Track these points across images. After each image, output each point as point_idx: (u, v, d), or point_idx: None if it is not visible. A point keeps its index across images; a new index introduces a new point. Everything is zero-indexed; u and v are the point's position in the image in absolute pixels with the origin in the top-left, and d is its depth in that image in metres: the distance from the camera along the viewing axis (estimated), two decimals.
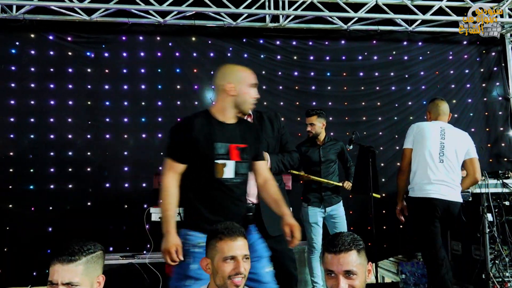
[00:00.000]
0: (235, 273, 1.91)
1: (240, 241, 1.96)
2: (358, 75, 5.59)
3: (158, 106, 5.18)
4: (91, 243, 1.75)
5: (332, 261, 1.78)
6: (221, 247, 1.95)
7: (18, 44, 5.02)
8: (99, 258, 1.72)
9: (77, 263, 1.62)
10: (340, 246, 1.78)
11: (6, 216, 4.76)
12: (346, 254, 1.78)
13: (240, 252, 1.94)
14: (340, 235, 1.85)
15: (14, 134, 4.90)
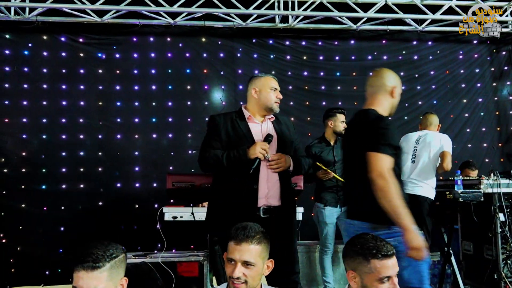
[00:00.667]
0: (232, 276, 1.93)
1: (243, 246, 1.95)
2: (368, 75, 5.50)
3: (169, 106, 5.21)
4: (113, 246, 1.73)
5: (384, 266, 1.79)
6: (229, 248, 2.00)
7: (31, 46, 5.09)
8: (121, 262, 1.70)
9: (101, 270, 1.62)
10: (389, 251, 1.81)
11: (19, 216, 4.82)
12: (394, 255, 1.83)
13: (239, 257, 1.94)
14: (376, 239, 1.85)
15: (26, 135, 4.97)
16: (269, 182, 2.64)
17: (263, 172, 2.63)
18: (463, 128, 5.67)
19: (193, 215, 4.07)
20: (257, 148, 2.54)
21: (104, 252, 1.66)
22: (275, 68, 5.40)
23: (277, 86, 2.79)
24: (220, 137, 2.66)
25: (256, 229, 2.02)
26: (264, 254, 2.02)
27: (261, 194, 2.62)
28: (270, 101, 2.72)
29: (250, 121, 2.73)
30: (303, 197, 4.82)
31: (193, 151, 5.17)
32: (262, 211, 2.61)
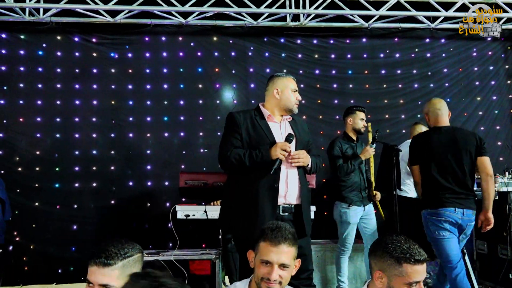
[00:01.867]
0: (268, 278, 1.92)
1: (281, 248, 1.94)
2: (380, 73, 5.55)
3: (180, 105, 5.23)
4: (130, 245, 1.71)
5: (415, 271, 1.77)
6: (262, 249, 1.96)
7: (45, 46, 5.14)
8: (136, 262, 1.68)
9: (113, 267, 1.62)
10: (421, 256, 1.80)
11: (32, 214, 4.86)
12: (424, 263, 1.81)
13: (277, 260, 1.92)
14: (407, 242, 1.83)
15: (40, 134, 5.01)
16: (289, 181, 2.68)
17: (283, 171, 2.65)
18: (477, 127, 5.60)
19: (206, 213, 4.08)
20: (278, 149, 2.57)
21: (118, 250, 1.66)
22: (286, 66, 5.39)
23: (296, 87, 2.83)
24: (240, 135, 2.67)
25: (290, 230, 2.01)
26: (295, 254, 2.03)
27: (280, 193, 2.64)
28: (291, 102, 2.76)
29: (270, 120, 2.76)
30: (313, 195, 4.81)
31: (205, 149, 5.18)
32: (282, 209, 2.63)
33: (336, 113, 5.38)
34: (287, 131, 2.76)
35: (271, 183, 2.61)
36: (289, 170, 2.69)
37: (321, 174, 5.11)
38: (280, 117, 2.81)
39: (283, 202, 2.65)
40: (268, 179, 2.60)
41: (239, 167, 2.62)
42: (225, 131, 2.78)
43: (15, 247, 4.78)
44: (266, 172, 2.57)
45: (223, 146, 2.71)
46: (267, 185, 2.61)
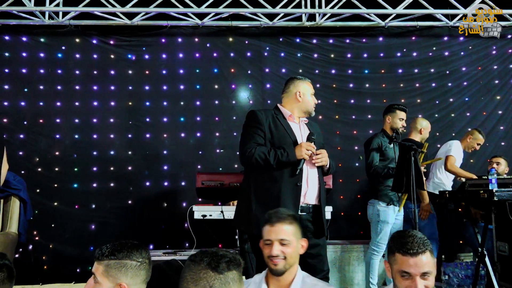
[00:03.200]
0: (271, 255, 2.11)
1: (278, 227, 2.14)
2: (397, 72, 5.49)
3: (197, 105, 5.26)
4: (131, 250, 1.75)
5: (409, 263, 1.79)
6: (264, 232, 2.19)
7: (64, 49, 5.23)
8: (122, 266, 1.71)
9: (100, 262, 1.72)
10: (417, 248, 1.79)
11: (51, 214, 4.93)
12: (424, 255, 1.80)
13: (275, 237, 2.13)
14: (411, 235, 1.85)
15: (59, 135, 5.09)
16: (309, 181, 2.71)
17: (304, 170, 2.68)
18: (496, 126, 5.50)
19: (222, 214, 4.10)
20: (303, 149, 2.61)
21: (112, 249, 1.73)
22: (302, 66, 5.38)
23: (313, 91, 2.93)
24: (264, 132, 2.71)
25: (286, 212, 2.21)
26: (297, 233, 2.19)
27: (302, 192, 2.67)
28: (311, 106, 2.86)
29: (290, 120, 2.81)
30: (333, 195, 4.79)
31: (221, 150, 5.20)
32: (300, 208, 2.66)
33: (352, 113, 5.36)
34: (306, 132, 2.81)
35: (295, 182, 2.64)
36: (310, 169, 2.72)
37: (338, 175, 5.07)
38: (298, 118, 2.86)
39: (302, 201, 2.67)
40: (291, 178, 2.63)
41: (263, 165, 2.62)
42: (247, 128, 2.77)
43: (35, 246, 4.86)
44: (291, 171, 2.62)
45: (246, 143, 2.70)
46: (290, 184, 2.63)
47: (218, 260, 1.44)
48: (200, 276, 1.41)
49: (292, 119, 2.81)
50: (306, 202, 2.70)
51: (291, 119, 2.80)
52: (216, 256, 1.46)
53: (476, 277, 4.02)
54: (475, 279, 4.02)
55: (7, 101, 5.07)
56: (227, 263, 1.45)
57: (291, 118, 2.80)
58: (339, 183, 5.03)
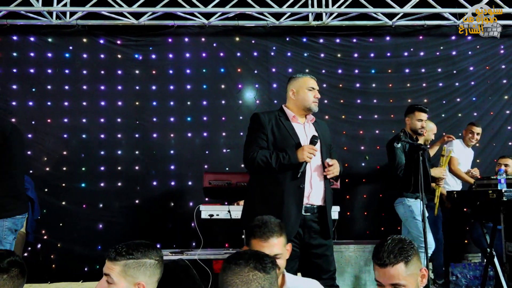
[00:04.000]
0: None
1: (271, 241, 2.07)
2: (403, 71, 5.47)
3: (203, 105, 5.26)
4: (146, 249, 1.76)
5: (379, 273, 1.77)
6: (254, 245, 2.09)
7: (71, 49, 5.24)
8: (140, 266, 1.72)
9: (116, 263, 1.71)
10: (385, 260, 1.74)
11: (59, 213, 4.95)
12: (393, 267, 1.74)
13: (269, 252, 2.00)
14: (386, 244, 1.79)
15: (67, 134, 5.11)
16: (313, 182, 2.71)
17: (307, 172, 2.69)
18: (503, 126, 5.47)
19: (229, 213, 4.11)
20: (305, 152, 2.60)
21: (128, 249, 1.73)
22: (309, 66, 5.36)
23: (315, 85, 2.85)
24: (266, 135, 2.72)
25: (275, 222, 2.14)
26: (285, 241, 2.16)
27: (306, 193, 2.68)
28: (307, 101, 2.78)
29: (294, 121, 2.80)
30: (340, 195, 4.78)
31: (227, 149, 5.20)
32: (304, 209, 2.67)
33: (358, 113, 5.35)
34: (311, 133, 2.78)
35: (297, 184, 2.65)
36: (313, 171, 2.72)
37: (344, 175, 5.05)
38: (304, 118, 2.83)
39: (306, 202, 2.68)
40: (294, 180, 2.63)
41: (265, 168, 2.65)
42: (250, 131, 2.80)
43: (43, 245, 4.89)
44: (294, 174, 2.61)
45: (248, 147, 2.73)
46: (293, 186, 2.65)
47: (263, 261, 1.50)
48: (250, 278, 1.45)
49: (296, 120, 2.79)
50: (311, 203, 2.70)
51: (295, 120, 2.79)
52: (260, 258, 1.51)
53: (485, 278, 4.03)
54: (484, 280, 4.03)
55: (15, 101, 5.10)
56: (272, 263, 1.52)
57: (294, 119, 2.79)
58: (346, 183, 5.00)
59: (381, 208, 5.14)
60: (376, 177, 5.22)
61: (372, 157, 5.21)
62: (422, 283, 1.83)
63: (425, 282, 1.85)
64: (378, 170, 5.21)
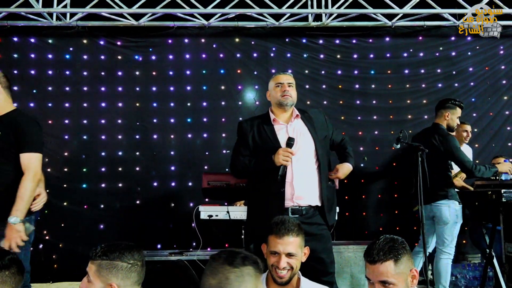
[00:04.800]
0: (277, 266, 2.17)
1: (285, 240, 2.17)
2: (403, 72, 5.47)
3: (203, 106, 5.28)
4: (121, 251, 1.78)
5: (369, 270, 1.85)
6: (270, 242, 2.22)
7: (71, 50, 5.26)
8: (113, 267, 1.74)
9: (93, 262, 1.78)
10: (375, 257, 1.81)
11: (61, 213, 4.99)
12: (382, 264, 1.79)
13: (283, 250, 2.17)
14: (378, 242, 1.85)
15: (68, 135, 5.14)
16: (298, 183, 2.70)
17: (288, 174, 2.70)
18: (503, 126, 5.48)
19: (228, 214, 4.13)
20: (280, 156, 2.62)
21: (105, 250, 1.78)
22: (308, 67, 5.38)
23: (282, 80, 2.85)
24: (247, 143, 2.79)
25: (293, 222, 2.24)
26: (302, 243, 2.25)
27: (287, 196, 2.69)
28: (276, 97, 2.82)
29: (276, 123, 2.82)
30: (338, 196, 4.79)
31: (227, 150, 5.22)
32: (291, 211, 2.68)
33: (358, 114, 5.36)
34: (296, 131, 2.78)
35: (278, 188, 2.68)
36: (296, 172, 2.70)
37: None
38: (287, 116, 2.85)
39: (291, 204, 2.69)
40: (274, 184, 2.67)
41: (247, 175, 2.81)
42: (236, 142, 2.94)
43: (45, 245, 4.93)
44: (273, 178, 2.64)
45: (232, 155, 2.90)
46: (273, 191, 2.69)
47: (234, 256, 1.60)
48: (218, 270, 1.57)
49: (278, 122, 2.82)
50: (298, 204, 2.70)
51: (277, 122, 2.82)
52: (232, 253, 1.63)
53: (484, 278, 4.04)
54: (483, 280, 4.05)
55: (16, 102, 5.01)
56: (242, 258, 1.60)
57: (276, 121, 2.83)
58: (344, 183, 4.99)
59: (380, 209, 5.17)
60: (374, 178, 5.24)
61: (371, 157, 5.22)
62: (413, 284, 1.86)
63: (415, 283, 1.88)
64: (376, 170, 5.24)
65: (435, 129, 4.03)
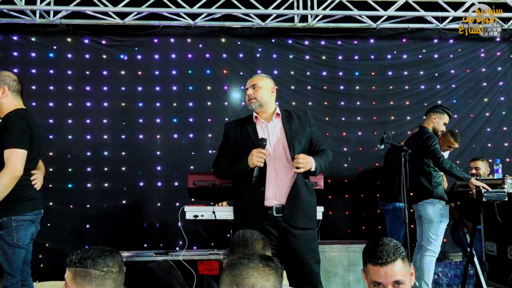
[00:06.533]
0: None
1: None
2: (387, 74, 5.56)
3: (189, 107, 5.29)
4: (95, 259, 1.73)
5: (379, 273, 1.79)
6: None
7: (55, 48, 5.21)
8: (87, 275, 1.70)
9: (69, 269, 1.75)
10: (386, 258, 1.78)
11: (47, 213, 4.73)
12: (393, 265, 1.78)
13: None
14: (382, 244, 1.83)
15: (53, 135, 5.10)
16: (279, 182, 2.74)
17: (270, 172, 2.73)
18: (483, 127, 5.61)
19: (214, 214, 4.14)
20: (253, 157, 2.62)
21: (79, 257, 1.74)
22: (294, 68, 5.42)
23: (247, 85, 2.90)
24: (229, 143, 2.87)
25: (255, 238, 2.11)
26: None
27: (270, 195, 2.72)
28: (248, 101, 2.88)
29: (258, 122, 2.86)
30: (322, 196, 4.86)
31: (213, 151, 5.23)
32: (275, 210, 2.70)
33: (342, 115, 5.43)
34: (276, 130, 2.81)
35: (258, 186, 2.69)
36: (279, 170, 2.73)
37: (327, 175, 5.12)
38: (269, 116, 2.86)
39: (275, 203, 2.71)
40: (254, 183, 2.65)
41: (227, 176, 2.90)
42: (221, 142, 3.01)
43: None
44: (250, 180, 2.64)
45: (215, 157, 2.99)
46: (253, 189, 2.70)
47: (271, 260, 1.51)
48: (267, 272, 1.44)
49: (259, 121, 2.85)
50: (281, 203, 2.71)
51: (258, 121, 2.85)
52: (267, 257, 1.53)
53: (465, 276, 4.15)
54: (464, 278, 4.15)
55: None
56: None
57: (257, 119, 2.85)
58: (328, 183, 5.10)
59: (362, 208, 5.27)
60: (358, 178, 5.34)
61: (354, 158, 5.32)
62: (412, 281, 1.90)
63: (413, 280, 1.91)
64: (360, 171, 5.33)
65: (420, 131, 4.17)
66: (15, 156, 2.63)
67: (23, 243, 2.79)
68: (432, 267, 3.97)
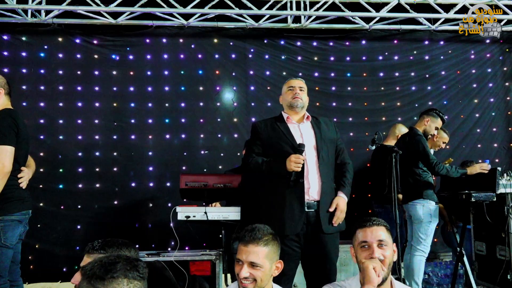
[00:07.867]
0: (239, 276, 2.03)
1: (250, 248, 2.03)
2: (378, 75, 5.59)
3: (182, 107, 5.28)
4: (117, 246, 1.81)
5: (366, 233, 2.09)
6: (238, 248, 2.11)
7: (46, 48, 5.17)
8: None
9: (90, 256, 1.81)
10: (373, 221, 2.13)
11: (37, 214, 4.87)
12: (378, 227, 2.11)
13: (245, 258, 2.02)
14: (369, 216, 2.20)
15: (44, 135, 5.07)
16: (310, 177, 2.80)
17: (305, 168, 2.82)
18: (473, 128, 5.67)
19: (206, 215, 4.14)
20: (291, 163, 2.70)
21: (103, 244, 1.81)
22: (286, 69, 5.44)
23: (294, 84, 3.03)
24: (261, 140, 2.94)
25: (264, 231, 2.09)
26: (272, 255, 2.09)
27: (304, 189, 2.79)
28: (287, 100, 2.99)
29: (289, 121, 2.95)
30: None
31: (205, 151, 5.26)
32: (307, 205, 2.75)
33: (334, 116, 5.39)
34: (306, 131, 2.90)
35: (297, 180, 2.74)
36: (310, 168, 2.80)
37: None
38: (299, 118, 2.98)
39: (307, 198, 2.76)
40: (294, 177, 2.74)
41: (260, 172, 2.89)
42: (249, 141, 3.13)
43: (21, 246, 4.83)
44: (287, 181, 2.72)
45: (246, 154, 3.07)
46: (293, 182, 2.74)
47: None
48: None
49: (290, 121, 2.95)
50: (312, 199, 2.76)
51: (290, 121, 2.95)
52: None
53: (455, 276, 4.18)
54: (454, 278, 4.18)
55: None
56: None
57: (289, 119, 2.95)
58: None
59: (354, 208, 5.25)
60: None
61: None
62: (394, 258, 2.16)
63: (395, 257, 2.17)
64: None
65: (410, 132, 4.18)
66: (3, 152, 2.64)
67: (10, 243, 2.78)
68: (422, 267, 3.99)
